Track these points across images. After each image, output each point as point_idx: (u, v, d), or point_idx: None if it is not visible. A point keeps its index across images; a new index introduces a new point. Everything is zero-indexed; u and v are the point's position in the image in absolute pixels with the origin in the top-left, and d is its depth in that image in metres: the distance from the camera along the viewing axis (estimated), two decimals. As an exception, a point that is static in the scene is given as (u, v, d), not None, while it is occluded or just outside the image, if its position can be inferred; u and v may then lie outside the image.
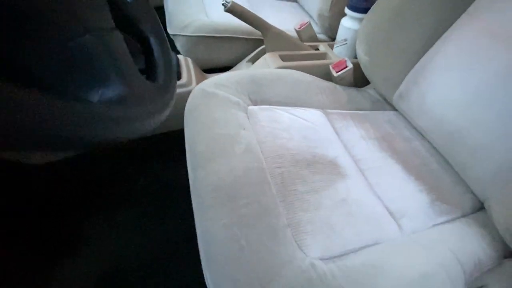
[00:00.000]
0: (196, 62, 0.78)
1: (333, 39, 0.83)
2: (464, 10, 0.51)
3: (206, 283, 0.35)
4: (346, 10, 0.71)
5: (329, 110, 0.63)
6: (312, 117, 0.59)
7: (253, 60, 0.78)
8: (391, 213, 0.46)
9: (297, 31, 0.82)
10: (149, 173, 0.78)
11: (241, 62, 0.81)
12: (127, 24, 0.27)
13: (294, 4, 1.11)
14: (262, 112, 0.56)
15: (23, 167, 0.63)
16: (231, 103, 0.54)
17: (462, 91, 0.50)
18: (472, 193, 0.51)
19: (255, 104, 0.58)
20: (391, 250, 0.40)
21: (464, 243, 0.43)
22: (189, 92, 0.58)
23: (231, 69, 0.82)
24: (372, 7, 0.61)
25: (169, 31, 0.81)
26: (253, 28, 0.73)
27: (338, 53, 0.78)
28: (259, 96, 0.58)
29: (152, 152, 0.80)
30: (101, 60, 0.18)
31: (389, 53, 0.60)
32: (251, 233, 0.36)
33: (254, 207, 0.38)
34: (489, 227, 0.46)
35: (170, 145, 0.78)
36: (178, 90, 0.66)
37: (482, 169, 0.47)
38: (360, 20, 0.68)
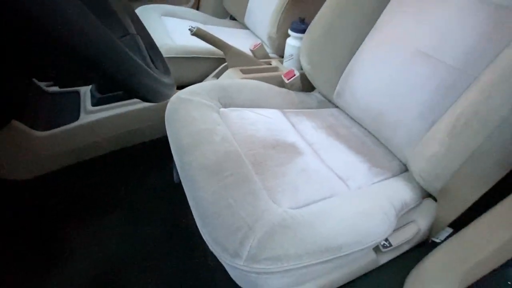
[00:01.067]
0: (167, 80, 0.86)
1: (282, 56, 0.97)
2: (373, 24, 0.68)
3: (204, 239, 0.42)
4: (290, 32, 0.86)
5: (285, 110, 0.75)
6: (272, 115, 0.70)
7: (218, 75, 0.88)
8: (340, 177, 0.57)
9: (252, 51, 0.95)
10: (130, 181, 0.81)
11: (207, 78, 0.91)
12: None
13: (246, 31, 1.25)
14: (232, 113, 0.66)
15: (11, 183, 0.63)
16: (205, 106, 0.63)
17: (377, 84, 0.65)
18: (398, 159, 0.65)
19: (225, 107, 0.67)
20: (342, 199, 0.50)
21: (394, 192, 0.55)
22: (165, 104, 0.65)
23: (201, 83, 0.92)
24: (308, 28, 0.76)
25: (140, 55, 0.88)
26: (216, 49, 0.84)
27: (287, 66, 0.92)
28: (228, 100, 0.68)
29: (133, 161, 0.83)
30: (135, 51, 0.26)
31: (325, 61, 0.75)
32: (236, 194, 0.44)
33: (236, 177, 0.47)
34: (411, 180, 0.59)
35: (150, 153, 0.83)
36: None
37: (400, 140, 0.62)
38: (301, 38, 0.83)
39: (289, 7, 0.90)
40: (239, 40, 1.13)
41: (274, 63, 0.93)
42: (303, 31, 0.82)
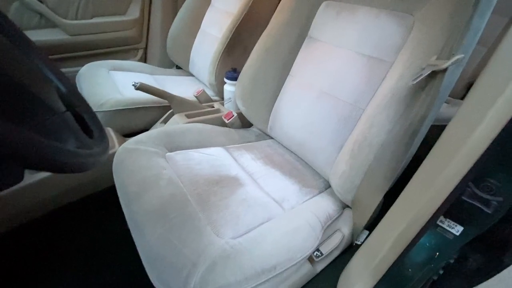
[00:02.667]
0: (116, 130, 0.85)
1: (223, 98, 1.04)
2: (288, 72, 0.77)
3: (153, 282, 0.42)
4: (225, 80, 0.93)
5: (227, 146, 0.79)
6: (216, 152, 0.74)
7: (165, 121, 0.90)
8: (276, 201, 0.61)
9: (196, 97, 0.99)
10: (84, 232, 0.76)
11: (155, 124, 0.92)
12: (68, 105, 0.36)
13: (191, 77, 1.30)
14: (178, 156, 0.68)
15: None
16: (151, 153, 0.64)
17: (297, 119, 0.73)
18: (323, 177, 0.73)
19: (171, 151, 0.69)
20: (276, 221, 0.54)
21: (319, 207, 0.61)
22: (113, 155, 0.65)
23: (146, 132, 0.92)
24: (239, 76, 0.84)
25: (87, 109, 0.86)
26: (164, 92, 0.87)
27: (228, 107, 0.98)
28: (173, 144, 0.70)
29: (85, 213, 0.78)
30: (63, 128, 0.27)
31: (256, 103, 0.82)
32: (180, 234, 0.45)
33: (181, 218, 0.48)
34: (333, 194, 0.66)
35: (102, 203, 0.79)
36: (104, 153, 0.72)
37: (321, 162, 0.69)
38: (235, 84, 0.90)
39: (222, 60, 0.98)
40: (185, 86, 1.18)
41: (216, 105, 0.99)
42: (235, 78, 0.89)
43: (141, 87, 0.78)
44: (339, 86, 0.65)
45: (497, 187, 0.38)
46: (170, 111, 0.90)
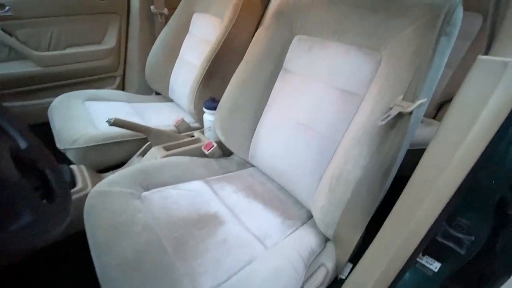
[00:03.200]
0: (90, 166, 0.81)
1: (203, 126, 1.02)
2: (266, 103, 0.78)
3: None
4: (204, 109, 0.93)
5: (208, 178, 0.77)
6: (195, 187, 0.72)
7: (143, 154, 0.87)
8: (257, 238, 0.60)
9: (175, 126, 0.98)
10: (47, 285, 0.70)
11: (132, 158, 0.89)
12: (27, 166, 0.34)
13: (171, 103, 1.28)
14: (154, 195, 0.65)
15: None
16: (125, 195, 0.61)
17: (277, 149, 0.73)
18: (305, 207, 0.72)
19: (148, 189, 0.66)
20: (259, 263, 0.53)
21: (302, 242, 0.60)
22: (85, 196, 0.61)
23: (124, 165, 0.89)
24: (217, 106, 0.83)
25: (58, 146, 0.83)
26: (140, 126, 0.85)
27: (208, 136, 0.97)
28: (149, 182, 0.68)
29: (47, 263, 0.73)
30: (16, 201, 0.25)
31: (235, 133, 0.81)
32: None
33: (156, 269, 0.46)
34: (316, 225, 0.65)
35: (67, 252, 0.74)
36: (74, 196, 0.68)
37: (302, 192, 0.69)
38: (214, 113, 0.89)
39: (201, 89, 0.97)
40: (164, 114, 1.16)
41: (196, 134, 0.97)
42: (214, 108, 0.89)
43: (115, 123, 0.76)
44: (315, 118, 0.66)
45: (468, 226, 0.38)
46: (148, 143, 0.88)
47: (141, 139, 0.90)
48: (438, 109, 1.07)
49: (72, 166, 0.77)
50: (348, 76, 0.61)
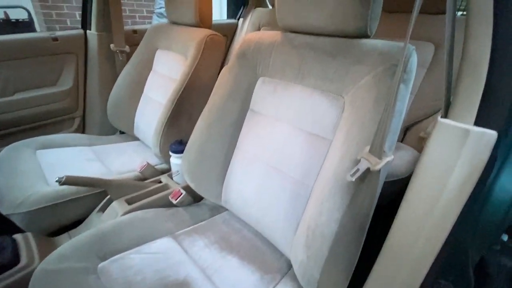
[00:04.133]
0: (41, 231, 0.71)
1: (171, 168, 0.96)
2: (235, 145, 0.74)
3: None
4: (170, 153, 0.87)
5: (177, 233, 0.71)
6: (162, 247, 0.65)
7: (103, 209, 0.79)
8: (233, 305, 0.54)
9: (140, 172, 0.91)
10: None
11: (91, 215, 0.80)
12: None
13: (136, 142, 1.20)
14: (113, 265, 0.57)
15: None
16: (77, 271, 0.53)
17: (250, 194, 0.69)
18: (284, 255, 0.67)
19: (106, 258, 0.58)
20: None
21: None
22: (31, 273, 0.53)
23: (82, 224, 0.79)
24: (184, 151, 0.79)
25: (1, 211, 0.72)
26: (96, 180, 0.77)
27: (177, 180, 0.91)
28: (108, 249, 0.60)
29: None
30: None
31: (205, 178, 0.76)
32: None
33: None
34: (296, 278, 0.61)
35: None
36: (18, 275, 0.59)
37: (279, 240, 0.65)
38: (182, 157, 0.84)
39: (166, 130, 0.92)
40: (129, 155, 1.08)
41: (164, 179, 0.91)
42: (181, 151, 0.84)
43: (67, 182, 0.68)
44: (285, 161, 0.64)
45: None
46: (108, 197, 0.80)
47: (100, 192, 0.82)
48: (404, 133, 1.10)
49: (16, 236, 0.67)
50: (314, 119, 0.60)
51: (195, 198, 0.85)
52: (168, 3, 1.07)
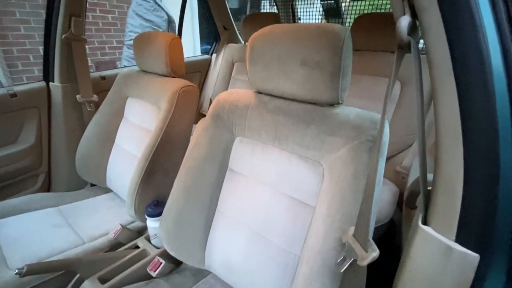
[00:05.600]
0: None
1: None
2: (216, 207, 0.71)
3: None
4: (146, 217, 0.82)
5: (158, 312, 0.65)
6: (141, 335, 0.59)
7: (73, 291, 0.71)
8: None
9: (115, 238, 0.84)
10: None
11: (59, 300, 0.72)
12: None
13: (109, 194, 1.13)
14: None
15: None
16: None
17: (235, 262, 0.66)
18: None
19: None
20: None
21: None
22: None
23: None
24: (160, 219, 0.74)
25: None
26: (65, 261, 0.70)
27: (155, 243, 0.85)
28: None
29: None
30: None
31: (185, 245, 0.72)
32: None
33: None
34: None
35: None
36: None
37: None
38: (159, 219, 0.79)
39: (141, 190, 0.87)
40: (102, 214, 1.01)
41: (141, 243, 0.85)
42: (158, 214, 0.79)
43: (28, 272, 0.60)
44: (269, 227, 0.62)
45: None
46: (77, 276, 0.73)
47: (69, 271, 0.74)
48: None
49: None
50: (295, 184, 0.59)
51: (175, 263, 0.80)
52: (137, 52, 1.05)
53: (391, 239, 0.94)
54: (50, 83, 1.14)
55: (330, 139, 0.53)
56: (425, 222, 0.31)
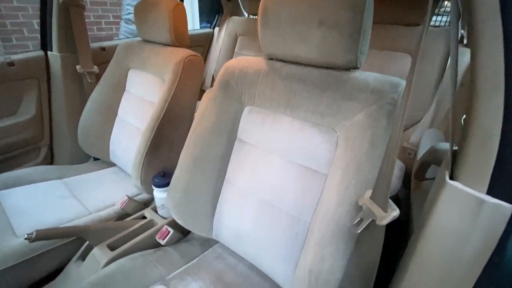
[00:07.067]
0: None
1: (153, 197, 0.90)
2: (224, 177, 0.71)
3: None
4: (153, 187, 0.81)
5: (167, 278, 0.66)
6: (154, 299, 0.60)
7: (82, 258, 0.72)
8: None
9: (122, 209, 0.84)
10: None
11: (69, 265, 0.73)
12: None
13: (113, 168, 1.12)
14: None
15: None
16: None
17: (243, 231, 0.66)
18: None
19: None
20: None
21: None
22: None
23: (60, 275, 0.72)
24: (168, 190, 0.73)
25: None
26: (73, 228, 0.70)
27: (162, 214, 0.85)
28: None
29: None
30: None
31: (193, 215, 0.72)
32: None
33: None
34: None
35: None
36: None
37: (279, 278, 0.62)
38: (166, 190, 0.79)
39: (147, 162, 0.86)
40: (107, 187, 1.00)
41: (148, 214, 0.85)
42: (166, 185, 0.79)
43: (38, 237, 0.60)
44: (279, 196, 0.61)
45: None
46: (87, 243, 0.73)
47: (76, 239, 0.75)
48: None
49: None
50: (307, 153, 0.58)
51: (183, 232, 0.80)
52: (138, 21, 1.00)
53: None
54: (49, 53, 1.10)
55: (346, 104, 0.51)
56: (451, 179, 0.30)
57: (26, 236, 0.59)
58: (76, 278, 0.69)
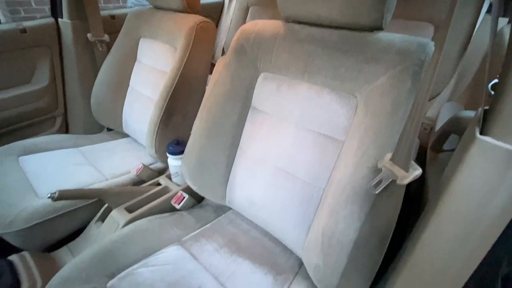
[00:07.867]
0: (36, 247, 0.68)
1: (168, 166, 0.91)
2: (238, 145, 0.71)
3: None
4: (168, 154, 0.83)
5: (184, 239, 0.69)
6: (171, 257, 0.63)
7: (102, 219, 0.75)
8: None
9: (137, 175, 0.86)
10: None
11: (90, 225, 0.76)
12: None
13: (127, 138, 1.14)
14: (122, 282, 0.56)
15: None
16: (86, 294, 0.51)
17: (256, 198, 0.67)
18: (294, 253, 0.67)
19: (113, 277, 0.56)
20: None
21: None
22: None
23: (81, 235, 0.76)
24: (183, 157, 0.74)
25: (-9, 231, 0.67)
26: (93, 191, 0.72)
27: (177, 181, 0.87)
28: (114, 267, 0.57)
29: None
30: None
31: (208, 181, 0.73)
32: None
33: None
34: (308, 276, 0.61)
35: None
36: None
37: (290, 242, 0.64)
38: (181, 158, 0.80)
39: (161, 131, 0.87)
40: (121, 155, 1.03)
41: (163, 181, 0.87)
42: (180, 152, 0.80)
43: (61, 197, 0.63)
44: (294, 163, 0.61)
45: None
46: (106, 205, 0.76)
47: (96, 202, 0.78)
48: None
49: (12, 258, 0.63)
50: (323, 119, 0.57)
51: (197, 199, 0.83)
52: (148, -15, 0.97)
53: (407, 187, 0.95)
54: (59, 20, 1.08)
55: (368, 67, 0.49)
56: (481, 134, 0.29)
57: (49, 194, 0.62)
58: (97, 237, 0.72)
